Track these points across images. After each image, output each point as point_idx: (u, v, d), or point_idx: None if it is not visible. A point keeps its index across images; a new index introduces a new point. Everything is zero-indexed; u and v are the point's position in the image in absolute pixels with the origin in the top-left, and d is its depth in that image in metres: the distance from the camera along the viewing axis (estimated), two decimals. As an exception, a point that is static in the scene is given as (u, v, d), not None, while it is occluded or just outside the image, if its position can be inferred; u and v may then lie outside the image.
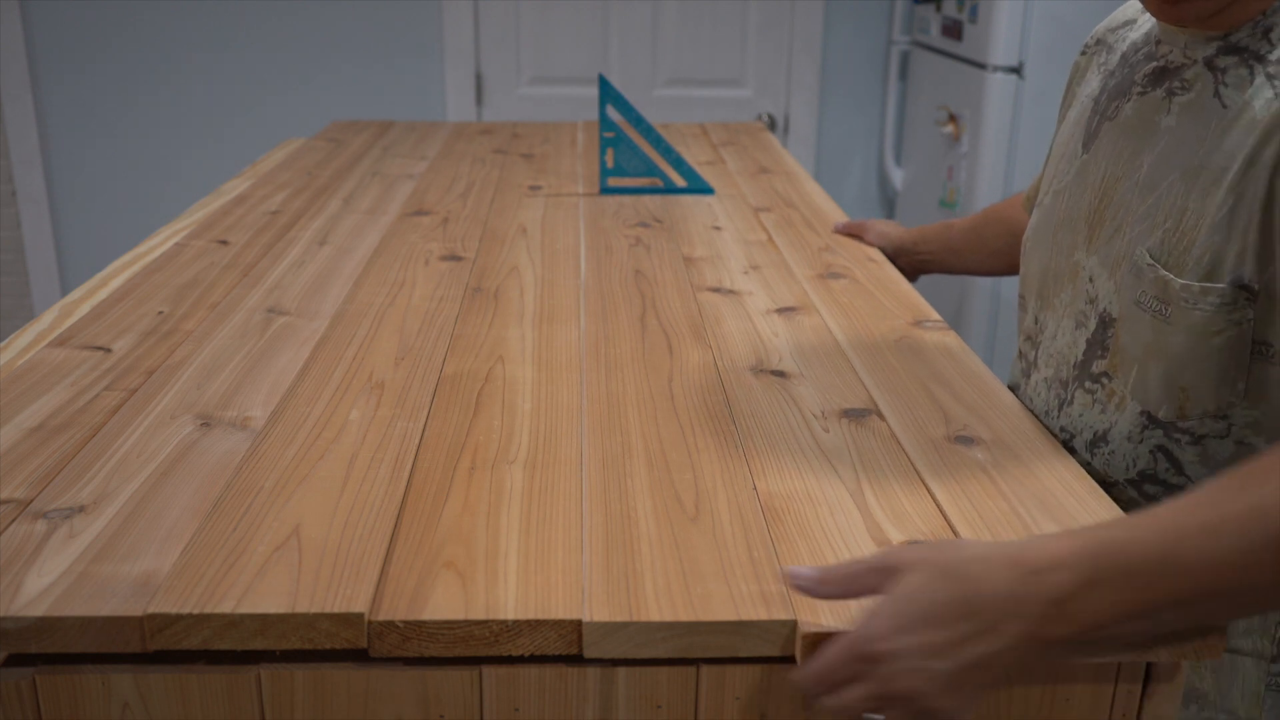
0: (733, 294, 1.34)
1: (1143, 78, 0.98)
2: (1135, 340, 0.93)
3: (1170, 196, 0.91)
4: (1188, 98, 0.92)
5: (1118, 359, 0.96)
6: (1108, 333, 0.97)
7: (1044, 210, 1.10)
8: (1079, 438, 1.00)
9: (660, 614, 0.72)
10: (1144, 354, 0.93)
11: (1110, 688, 0.77)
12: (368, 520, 0.83)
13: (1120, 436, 0.96)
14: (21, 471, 0.90)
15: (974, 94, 2.68)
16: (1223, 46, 0.90)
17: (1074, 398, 1.01)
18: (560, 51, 3.29)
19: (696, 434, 0.97)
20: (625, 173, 1.84)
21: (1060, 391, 1.03)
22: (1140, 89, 0.98)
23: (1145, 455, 0.94)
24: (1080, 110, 1.09)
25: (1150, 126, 0.96)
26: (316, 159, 2.05)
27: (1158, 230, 0.91)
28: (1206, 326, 0.88)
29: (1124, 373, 0.95)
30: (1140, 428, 0.94)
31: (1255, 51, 0.88)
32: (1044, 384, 1.06)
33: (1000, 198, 2.67)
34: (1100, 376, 0.98)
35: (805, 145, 3.38)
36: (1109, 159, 1.00)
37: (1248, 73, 0.88)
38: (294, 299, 1.30)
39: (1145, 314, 0.92)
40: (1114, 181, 0.98)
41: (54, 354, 1.14)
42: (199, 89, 3.24)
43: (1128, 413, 0.95)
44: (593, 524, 0.83)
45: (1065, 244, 1.04)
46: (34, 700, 0.73)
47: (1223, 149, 0.87)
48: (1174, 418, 0.92)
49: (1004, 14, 2.56)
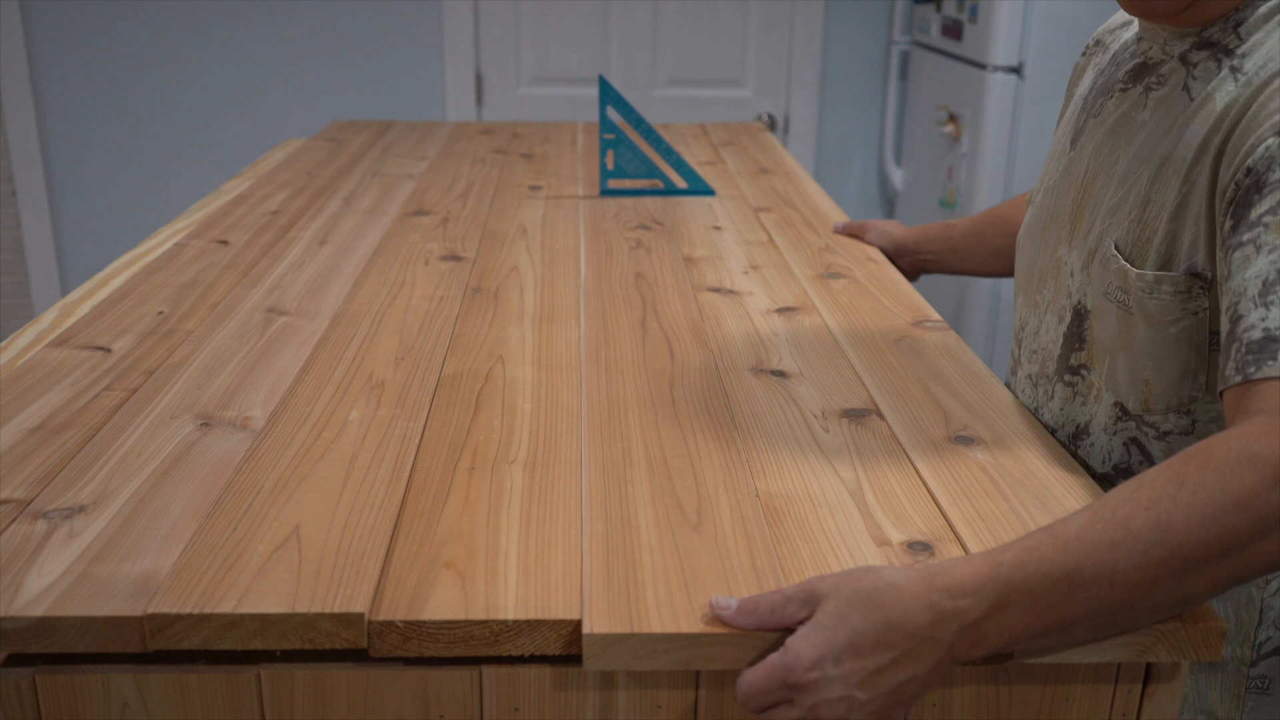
0: (733, 294, 1.34)
1: (1125, 75, 1.00)
2: (1105, 332, 0.95)
3: (1138, 188, 0.93)
4: (1162, 92, 0.94)
5: (1093, 351, 0.98)
6: (1084, 325, 0.99)
7: (1035, 208, 1.11)
8: (1061, 431, 1.02)
9: (662, 625, 0.72)
10: (1113, 345, 0.95)
11: (1110, 688, 0.77)
12: (368, 520, 0.83)
13: (1098, 429, 0.98)
14: (21, 471, 0.90)
15: (974, 94, 2.68)
16: (1197, 42, 0.92)
17: (1055, 392, 1.03)
18: (560, 51, 3.29)
19: (698, 439, 0.97)
20: (625, 174, 1.83)
21: (1045, 386, 1.05)
22: (1122, 85, 1.00)
23: (1119, 448, 0.96)
24: (1073, 109, 1.11)
25: (1129, 122, 0.97)
26: (316, 159, 2.05)
27: (1124, 222, 0.93)
28: (1163, 315, 0.89)
29: (1099, 364, 0.97)
30: (1114, 419, 0.96)
31: (1224, 46, 0.90)
32: (1028, 381, 1.08)
33: (1000, 198, 2.67)
34: (1079, 369, 1.00)
35: (805, 145, 3.38)
36: (1091, 155, 1.01)
37: (1215, 66, 0.90)
38: (294, 299, 1.30)
39: (1112, 305, 0.94)
40: (1093, 177, 1.00)
41: (54, 354, 1.14)
42: (199, 89, 3.24)
43: (1104, 405, 0.97)
44: (593, 531, 0.83)
45: (1051, 240, 1.05)
46: (34, 700, 0.73)
47: (1184, 140, 0.89)
48: (1140, 411, 0.94)
49: (1004, 14, 2.56)
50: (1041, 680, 0.77)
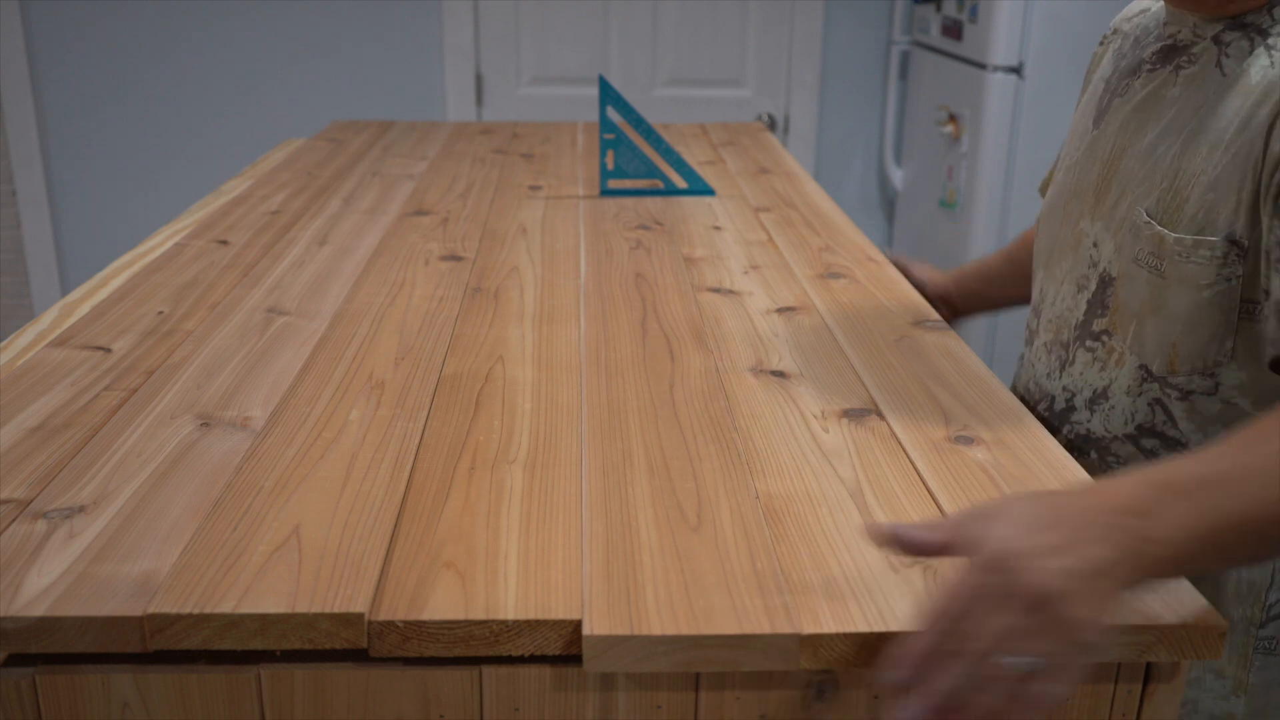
0: (733, 294, 1.34)
1: (1152, 56, 1.03)
2: (1134, 297, 0.98)
3: (1167, 159, 0.96)
4: (1192, 70, 0.98)
5: (1117, 316, 1.01)
6: (1107, 292, 1.02)
7: (1056, 186, 1.15)
8: (1079, 395, 1.05)
9: (662, 627, 0.72)
10: (1141, 309, 0.98)
11: (1110, 688, 0.77)
12: (368, 520, 0.83)
13: (1119, 391, 1.01)
14: (21, 471, 0.90)
15: (974, 94, 2.68)
16: (1230, 24, 0.96)
17: (1075, 357, 1.06)
18: (560, 51, 3.29)
19: (698, 441, 0.97)
20: (625, 174, 1.83)
21: (1061, 353, 1.08)
22: (1150, 66, 1.03)
23: (1144, 408, 0.99)
24: (1093, 92, 1.14)
25: (1157, 99, 1.01)
26: (316, 159, 2.05)
27: (1154, 191, 0.96)
28: (1197, 279, 0.92)
29: (1123, 329, 1.00)
30: (1139, 381, 0.99)
31: (1259, 26, 0.93)
32: (1044, 349, 1.12)
33: (1000, 198, 2.67)
34: (1101, 335, 1.03)
35: (805, 145, 3.38)
36: (1117, 132, 1.04)
37: (1249, 44, 0.93)
38: (294, 299, 1.30)
39: (1143, 270, 0.97)
40: (1119, 152, 1.03)
41: (54, 354, 1.14)
42: (199, 89, 3.24)
43: (1127, 368, 1.00)
44: (593, 533, 0.83)
45: (1072, 214, 1.09)
46: (34, 700, 0.73)
47: (1218, 113, 0.93)
48: (1165, 372, 0.97)
49: (1004, 14, 2.56)
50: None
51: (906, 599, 0.75)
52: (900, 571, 0.78)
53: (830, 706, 0.75)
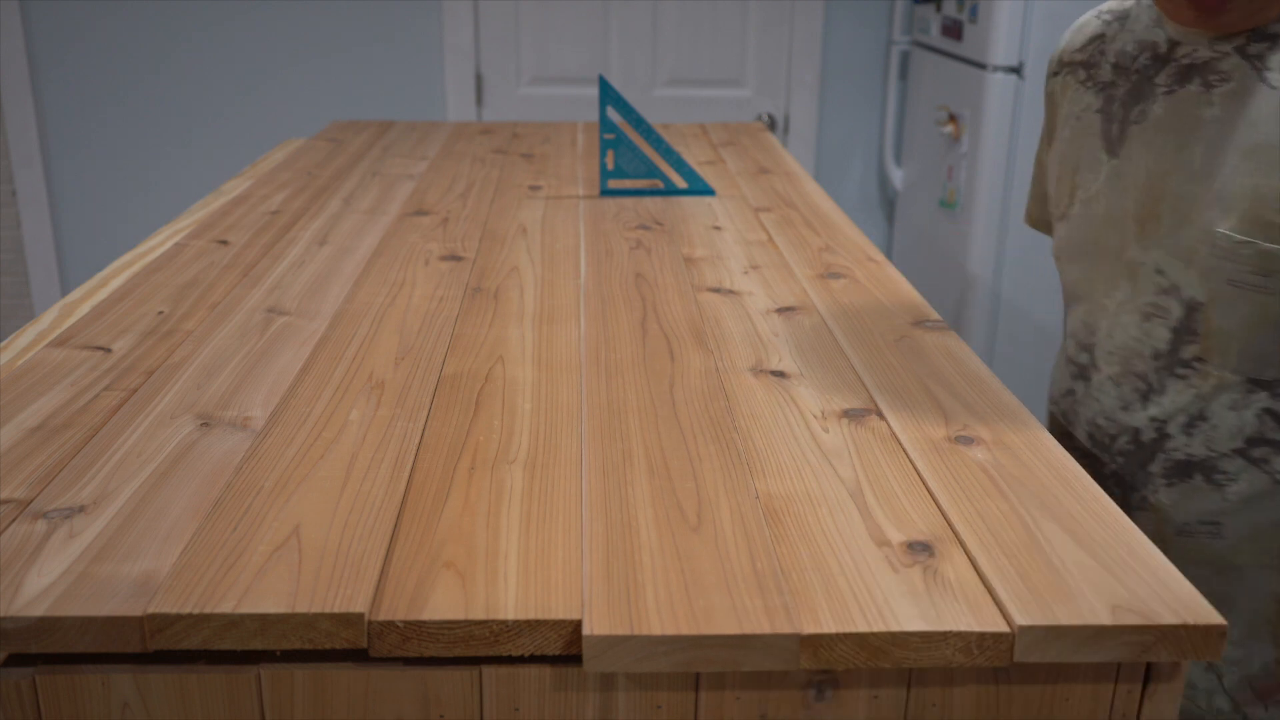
0: (733, 294, 1.34)
1: (1166, 78, 1.03)
2: (1231, 317, 0.99)
3: (1236, 178, 0.96)
4: (1229, 87, 0.98)
5: (1212, 340, 1.02)
6: (1195, 318, 1.02)
7: (1075, 220, 1.14)
8: (1172, 422, 1.06)
9: (662, 627, 0.72)
10: (1242, 328, 0.98)
11: (1110, 687, 0.77)
12: (368, 520, 0.83)
13: (1221, 409, 1.02)
14: (21, 471, 0.90)
15: (974, 94, 2.68)
16: (1252, 36, 0.96)
17: (1165, 386, 1.06)
18: (560, 51, 3.29)
19: (698, 441, 0.97)
20: (625, 174, 1.83)
21: (1138, 384, 1.08)
22: (1166, 89, 1.03)
23: (1251, 420, 1.01)
24: (1081, 125, 1.13)
25: (1190, 120, 1.01)
26: (316, 159, 2.05)
27: (1234, 211, 0.97)
28: None
29: (1221, 352, 1.01)
30: (1244, 394, 1.00)
31: None
32: (1110, 382, 1.12)
33: (1000, 198, 2.67)
34: (1193, 361, 1.03)
35: (805, 145, 3.38)
36: (1148, 158, 1.04)
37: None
38: (294, 299, 1.30)
39: (1243, 290, 0.98)
40: (1161, 178, 1.03)
41: (54, 354, 1.14)
42: (199, 89, 3.25)
43: (1228, 386, 1.01)
44: (593, 533, 0.83)
45: (1112, 246, 1.09)
46: (34, 700, 0.73)
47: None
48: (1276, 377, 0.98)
49: (1004, 14, 2.56)
50: (1041, 680, 0.77)
51: (906, 599, 0.75)
52: (900, 571, 0.78)
53: (830, 706, 0.76)
